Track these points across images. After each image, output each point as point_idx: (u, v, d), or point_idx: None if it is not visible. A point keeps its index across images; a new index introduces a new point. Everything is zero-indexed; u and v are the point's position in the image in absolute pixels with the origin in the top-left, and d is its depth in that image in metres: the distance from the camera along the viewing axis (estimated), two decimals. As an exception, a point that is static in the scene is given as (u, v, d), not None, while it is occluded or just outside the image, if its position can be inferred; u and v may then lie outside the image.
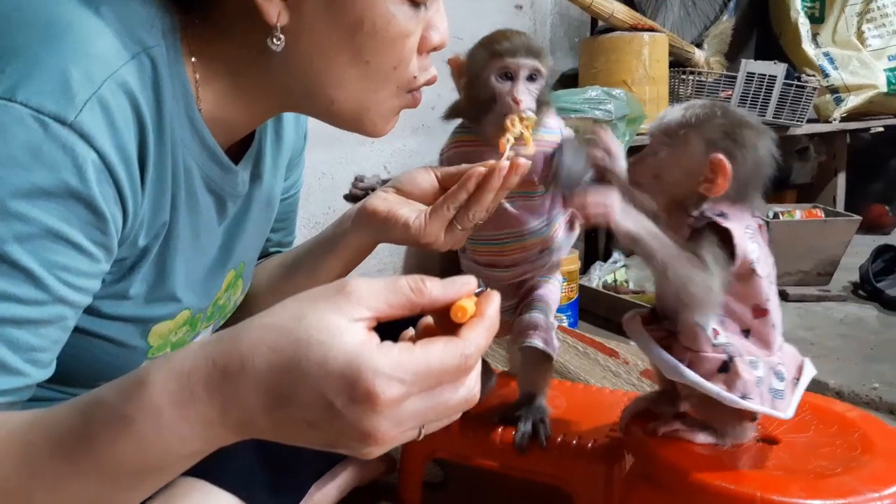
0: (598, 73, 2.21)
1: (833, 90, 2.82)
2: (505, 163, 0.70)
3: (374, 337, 0.44)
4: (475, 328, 0.46)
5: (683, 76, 2.50)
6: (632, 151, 1.98)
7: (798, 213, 2.50)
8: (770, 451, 0.85)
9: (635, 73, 2.19)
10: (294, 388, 0.42)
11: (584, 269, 2.25)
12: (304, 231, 2.01)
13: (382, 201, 0.76)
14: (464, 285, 0.48)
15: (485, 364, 1.05)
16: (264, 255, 0.96)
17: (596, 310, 2.02)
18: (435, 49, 0.68)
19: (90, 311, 0.61)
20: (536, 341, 0.95)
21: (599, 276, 2.17)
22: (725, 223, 0.76)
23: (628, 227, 0.74)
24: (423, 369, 0.43)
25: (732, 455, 0.83)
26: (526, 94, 0.85)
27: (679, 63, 2.53)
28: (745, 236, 0.77)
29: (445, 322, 0.47)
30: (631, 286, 2.11)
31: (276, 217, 0.91)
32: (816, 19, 2.97)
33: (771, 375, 0.81)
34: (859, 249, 2.36)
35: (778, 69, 2.44)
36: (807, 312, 2.09)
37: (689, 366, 0.79)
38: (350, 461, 1.08)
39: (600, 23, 2.31)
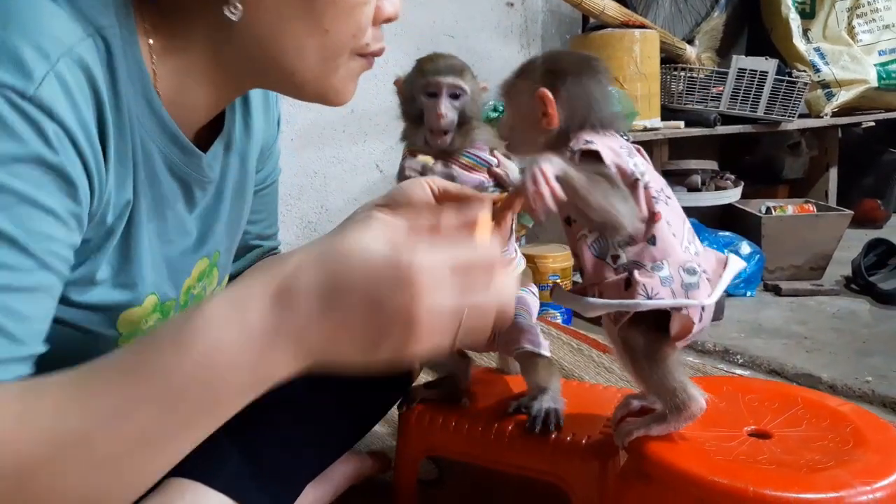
0: (590, 70, 2.20)
1: (824, 85, 2.83)
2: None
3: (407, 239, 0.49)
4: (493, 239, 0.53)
5: (675, 72, 2.50)
6: (624, 148, 1.97)
7: (790, 207, 2.51)
8: (762, 446, 0.85)
9: (626, 70, 2.19)
10: (343, 288, 0.46)
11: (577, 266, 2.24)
12: (296, 230, 2.00)
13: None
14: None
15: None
16: (245, 247, 0.96)
17: (590, 306, 2.02)
18: (388, 20, 0.68)
19: (59, 299, 0.61)
20: (526, 345, 0.99)
21: (593, 272, 2.17)
22: (592, 147, 0.79)
23: (558, 169, 0.72)
24: (454, 257, 0.47)
25: (725, 450, 0.84)
26: (449, 110, 0.98)
27: (670, 59, 2.53)
28: (617, 154, 0.80)
29: None
30: (624, 282, 2.10)
31: (254, 208, 0.91)
32: (807, 15, 2.97)
33: (680, 273, 0.80)
34: (851, 244, 2.37)
35: (769, 65, 2.44)
36: (800, 307, 2.10)
37: (600, 296, 0.81)
38: (345, 459, 1.08)
39: (591, 19, 2.32)
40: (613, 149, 0.80)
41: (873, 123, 3.09)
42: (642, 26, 2.28)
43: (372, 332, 0.47)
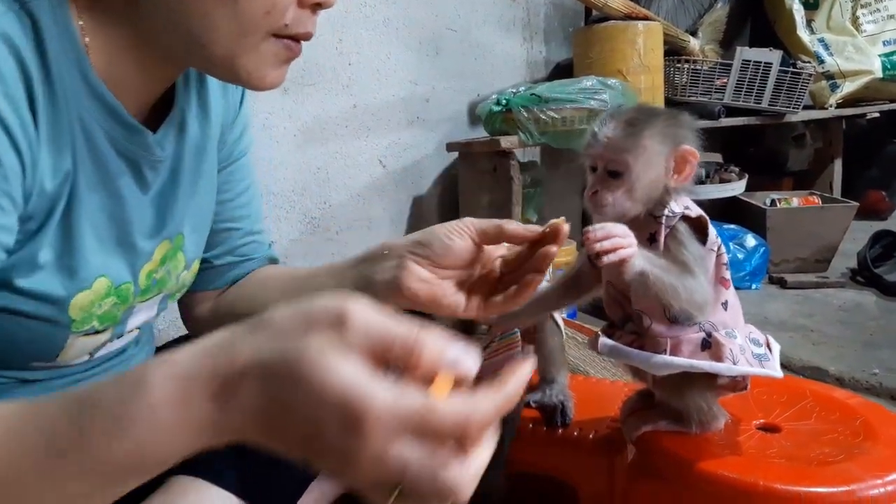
0: (593, 63, 2.19)
1: (828, 76, 2.81)
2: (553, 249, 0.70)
3: (373, 369, 0.41)
4: (488, 394, 0.41)
5: (678, 65, 2.49)
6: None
7: (795, 200, 2.50)
8: (772, 440, 0.85)
9: (630, 63, 2.18)
10: (288, 410, 0.41)
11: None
12: (299, 226, 2.00)
13: (419, 282, 0.71)
14: (461, 360, 0.42)
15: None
16: (238, 248, 0.91)
17: (595, 300, 2.01)
18: (318, 6, 0.63)
19: (4, 286, 0.61)
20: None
21: (597, 266, 2.17)
22: (696, 213, 0.80)
23: (644, 268, 0.74)
24: (419, 416, 0.39)
25: (734, 444, 0.83)
26: None
27: (674, 52, 2.51)
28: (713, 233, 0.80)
29: None
30: (629, 276, 2.10)
31: (235, 202, 0.89)
32: (811, 5, 2.95)
33: (748, 343, 0.81)
34: (857, 235, 2.36)
35: (773, 56, 2.43)
36: (806, 299, 2.09)
37: (672, 353, 0.79)
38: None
39: (594, 12, 2.30)
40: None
41: (878, 114, 3.07)
42: (646, 18, 2.26)
43: (309, 455, 0.43)
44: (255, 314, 0.86)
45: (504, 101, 1.93)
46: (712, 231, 0.80)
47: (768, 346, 0.84)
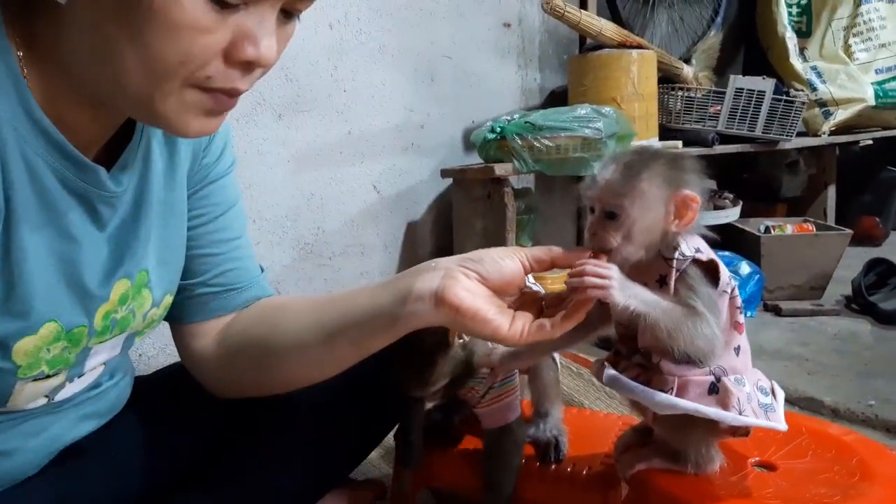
0: (587, 91, 2.20)
1: (821, 104, 2.83)
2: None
3: None
4: None
5: (672, 92, 2.50)
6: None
7: (789, 227, 2.50)
8: (768, 479, 0.83)
9: (624, 90, 2.19)
10: None
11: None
12: (292, 252, 1.99)
13: (466, 293, 0.69)
14: None
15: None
16: (220, 275, 0.87)
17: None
18: (251, 65, 0.59)
19: None
20: None
21: (592, 293, 2.16)
22: (707, 256, 0.78)
23: (627, 304, 0.72)
24: None
25: (730, 483, 0.82)
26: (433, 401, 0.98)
27: (668, 79, 2.53)
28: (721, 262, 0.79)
29: None
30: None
31: (212, 225, 0.85)
32: (803, 34, 2.98)
33: (756, 391, 0.80)
34: (851, 262, 2.36)
35: (766, 84, 2.44)
36: (801, 328, 2.08)
37: (678, 394, 0.78)
38: (339, 490, 1.06)
39: (589, 40, 2.32)
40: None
41: (871, 142, 3.09)
42: (639, 46, 2.28)
43: None
44: (281, 343, 0.83)
45: (498, 129, 1.93)
46: (724, 273, 0.79)
47: (773, 392, 0.83)
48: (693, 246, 0.78)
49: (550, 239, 2.50)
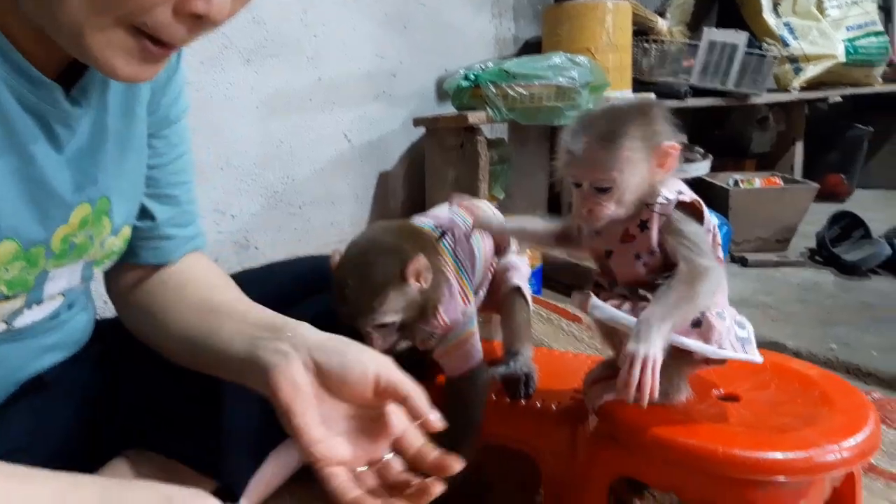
0: (562, 41, 2.18)
1: (793, 60, 2.84)
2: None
3: None
4: None
5: (646, 45, 2.49)
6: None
7: (758, 180, 2.53)
8: (732, 409, 0.85)
9: (599, 41, 2.17)
10: None
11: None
12: (261, 200, 1.96)
13: (288, 383, 0.64)
14: None
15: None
16: (169, 221, 0.86)
17: (560, 278, 2.02)
18: (199, 21, 0.56)
19: None
20: (517, 282, 1.04)
21: (563, 244, 2.17)
22: (690, 197, 0.80)
23: (660, 347, 0.75)
24: None
25: (694, 413, 0.84)
26: (387, 341, 0.89)
27: (642, 32, 2.51)
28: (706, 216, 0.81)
29: None
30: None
31: (169, 167, 0.84)
32: (777, -11, 2.98)
33: (734, 325, 0.82)
34: (815, 218, 2.40)
35: (739, 38, 2.44)
36: (766, 278, 2.12)
37: None
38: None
39: (564, -11, 2.29)
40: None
41: (840, 99, 3.13)
42: (614, -3, 2.26)
43: None
44: (160, 331, 0.79)
45: (472, 77, 1.91)
46: (707, 213, 0.81)
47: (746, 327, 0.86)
48: (674, 189, 0.80)
49: (523, 189, 2.50)
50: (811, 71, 2.85)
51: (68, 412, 0.84)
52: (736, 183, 2.49)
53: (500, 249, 1.07)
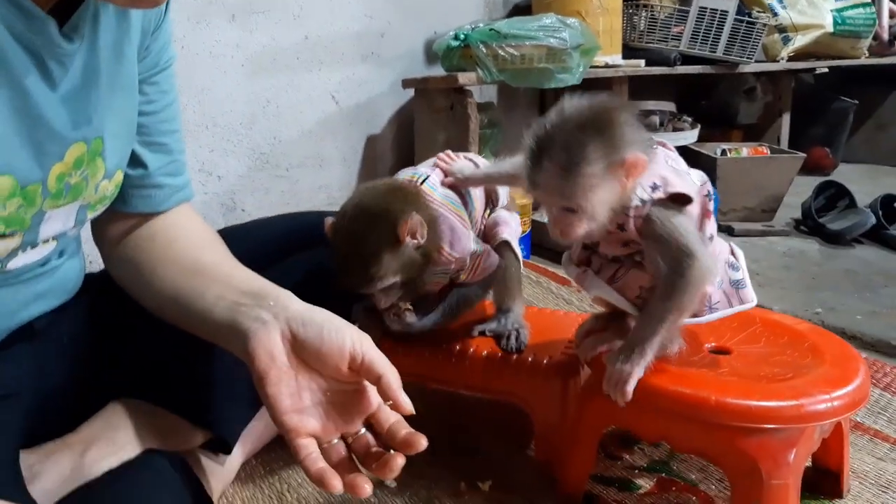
0: (552, 3, 2.16)
1: (781, 29, 2.84)
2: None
3: None
4: None
5: (636, 10, 2.47)
6: (584, 84, 1.94)
7: (745, 150, 2.54)
8: (723, 360, 0.86)
9: (589, 4, 2.15)
10: None
11: (537, 204, 2.24)
12: (248, 160, 1.93)
13: (264, 352, 0.65)
14: None
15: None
16: (160, 169, 0.86)
17: (548, 243, 2.01)
18: None
19: None
20: (506, 236, 1.02)
21: (551, 210, 2.16)
22: (665, 190, 0.75)
23: (647, 364, 0.78)
24: None
25: (687, 364, 0.84)
26: (389, 299, 0.92)
27: (632, -3, 2.50)
28: (688, 185, 0.77)
29: None
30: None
31: (161, 115, 0.84)
32: (767, -42, 2.96)
33: (726, 269, 0.82)
34: (801, 189, 2.41)
35: (730, 4, 2.43)
36: (752, 246, 2.13)
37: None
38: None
39: (555, -48, 2.26)
40: (678, 170, 0.78)
41: (826, 70, 3.13)
42: (605, -40, 2.23)
43: None
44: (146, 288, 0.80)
45: (462, 37, 1.88)
46: (692, 186, 0.78)
47: (736, 257, 0.86)
48: (649, 185, 0.75)
49: (513, 153, 2.48)
50: (799, 41, 2.84)
51: (59, 361, 0.83)
52: (724, 152, 2.49)
53: (490, 200, 1.06)
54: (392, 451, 0.64)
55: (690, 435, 0.80)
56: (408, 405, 0.65)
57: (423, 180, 0.95)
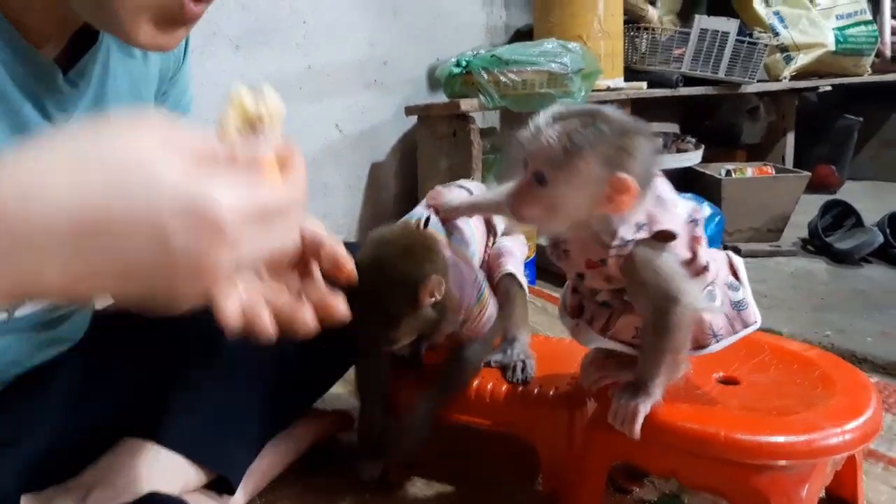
0: (554, 28, 2.17)
1: (783, 49, 2.84)
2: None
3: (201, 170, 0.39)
4: (298, 179, 0.45)
5: (638, 33, 2.48)
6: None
7: (749, 170, 2.53)
8: (732, 392, 0.84)
9: (590, 28, 2.16)
10: (111, 215, 0.36)
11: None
12: (254, 190, 1.94)
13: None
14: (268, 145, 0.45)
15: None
16: None
17: (554, 268, 2.00)
18: None
19: None
20: (510, 268, 1.01)
21: (556, 234, 2.16)
22: (658, 226, 0.73)
23: (655, 400, 0.77)
24: (268, 207, 0.40)
25: (695, 396, 0.83)
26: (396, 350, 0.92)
27: (633, 21, 2.51)
28: (673, 219, 0.74)
29: None
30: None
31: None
32: (767, -21, 2.97)
33: (726, 291, 0.81)
34: (807, 208, 2.40)
35: (730, 25, 2.44)
36: (759, 266, 2.11)
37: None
38: (306, 418, 1.04)
39: (555, -23, 2.27)
40: (663, 200, 0.75)
41: (830, 88, 3.12)
42: (605, -15, 2.24)
43: (143, 278, 0.38)
44: None
45: (464, 63, 1.89)
46: (678, 220, 0.75)
47: (736, 275, 0.84)
48: (636, 224, 0.73)
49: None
50: (801, 60, 2.84)
51: (61, 405, 0.83)
52: (728, 173, 2.48)
53: (490, 227, 1.05)
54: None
55: (700, 471, 0.79)
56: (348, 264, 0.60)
57: (426, 222, 0.95)
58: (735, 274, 0.83)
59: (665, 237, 0.74)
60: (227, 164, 0.41)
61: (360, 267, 0.88)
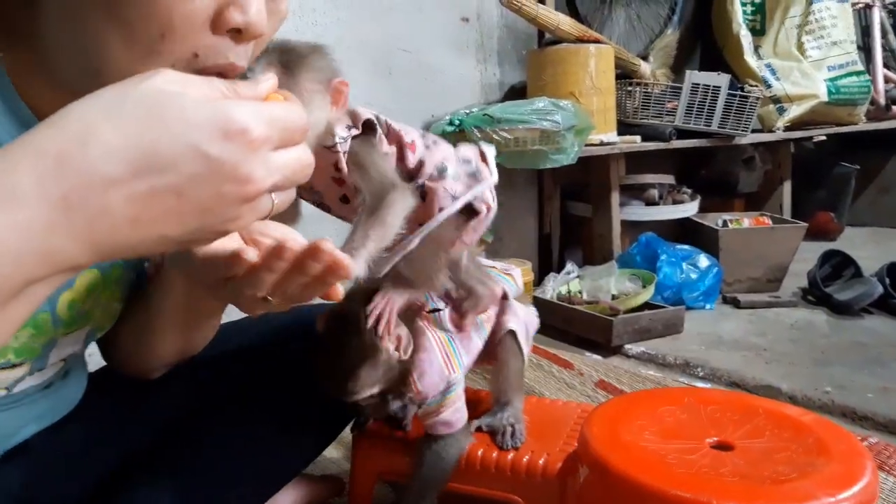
0: (546, 85, 2.20)
1: (776, 100, 2.88)
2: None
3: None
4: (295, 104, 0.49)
5: (630, 88, 2.52)
6: (580, 162, 1.96)
7: (746, 220, 2.53)
8: (725, 458, 0.83)
9: (582, 85, 2.19)
10: (157, 147, 0.40)
11: (539, 280, 2.23)
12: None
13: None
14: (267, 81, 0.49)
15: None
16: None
17: (551, 321, 1.99)
18: (239, 32, 0.55)
19: None
20: (513, 326, 1.02)
21: (553, 287, 2.16)
22: (363, 116, 0.82)
23: (364, 263, 0.76)
24: (282, 119, 0.44)
25: (687, 462, 0.81)
26: (368, 409, 0.93)
27: (625, 76, 2.54)
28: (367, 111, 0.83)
29: None
30: (585, 297, 2.09)
31: None
32: (758, 32, 3.02)
33: (460, 165, 0.88)
34: (806, 256, 2.39)
35: (722, 80, 2.47)
36: (758, 319, 2.10)
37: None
38: (296, 484, 1.03)
39: (547, 34, 2.32)
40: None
41: (824, 137, 3.15)
42: (597, 41, 2.28)
43: (195, 199, 0.41)
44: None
45: (457, 122, 1.91)
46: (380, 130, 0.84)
47: (483, 157, 0.91)
48: (344, 125, 0.81)
49: (512, 232, 2.49)
50: (795, 111, 2.88)
51: (52, 476, 0.81)
52: (725, 223, 2.49)
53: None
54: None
55: (693, 541, 0.76)
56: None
57: (433, 311, 0.95)
58: (484, 159, 0.92)
59: (367, 125, 0.82)
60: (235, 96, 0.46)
61: (332, 314, 0.89)
